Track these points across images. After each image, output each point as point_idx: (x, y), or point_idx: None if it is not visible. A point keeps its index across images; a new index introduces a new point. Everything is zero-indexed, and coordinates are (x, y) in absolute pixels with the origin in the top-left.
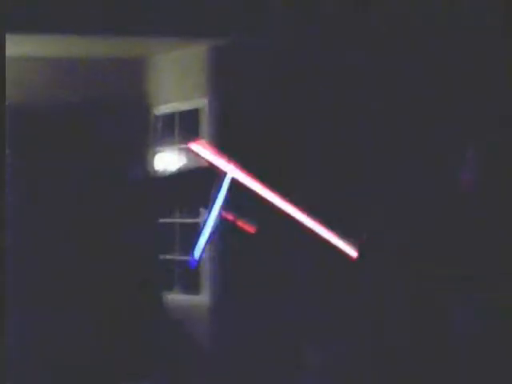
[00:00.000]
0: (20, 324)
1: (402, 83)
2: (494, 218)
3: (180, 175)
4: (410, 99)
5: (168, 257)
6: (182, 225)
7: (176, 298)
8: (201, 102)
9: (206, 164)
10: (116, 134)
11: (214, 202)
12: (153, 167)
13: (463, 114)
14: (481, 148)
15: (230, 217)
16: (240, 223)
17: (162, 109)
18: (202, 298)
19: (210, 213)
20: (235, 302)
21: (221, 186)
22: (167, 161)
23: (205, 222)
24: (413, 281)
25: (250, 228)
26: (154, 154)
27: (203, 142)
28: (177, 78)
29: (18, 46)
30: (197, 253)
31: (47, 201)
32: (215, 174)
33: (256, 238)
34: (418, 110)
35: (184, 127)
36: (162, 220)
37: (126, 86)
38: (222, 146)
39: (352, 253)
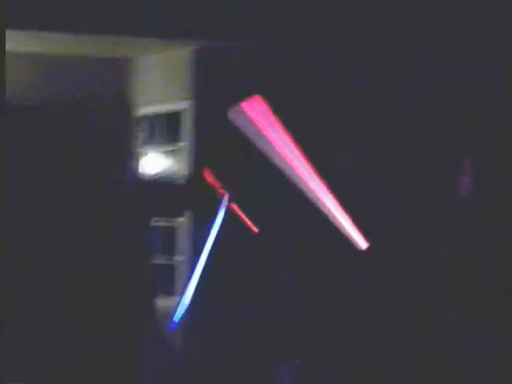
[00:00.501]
0: (17, 327)
1: (401, 87)
2: (493, 223)
3: (162, 177)
4: (410, 105)
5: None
6: (160, 227)
7: None
8: (185, 105)
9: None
10: (99, 134)
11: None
12: (136, 168)
13: (463, 120)
14: (480, 153)
15: (238, 212)
16: (247, 221)
17: (146, 110)
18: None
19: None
20: (211, 303)
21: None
22: (150, 162)
23: (186, 285)
24: (412, 287)
25: (254, 228)
26: (137, 155)
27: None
28: (162, 80)
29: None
30: (177, 317)
31: (33, 203)
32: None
33: (235, 240)
34: (419, 116)
35: (167, 129)
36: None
37: (110, 85)
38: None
39: (362, 244)
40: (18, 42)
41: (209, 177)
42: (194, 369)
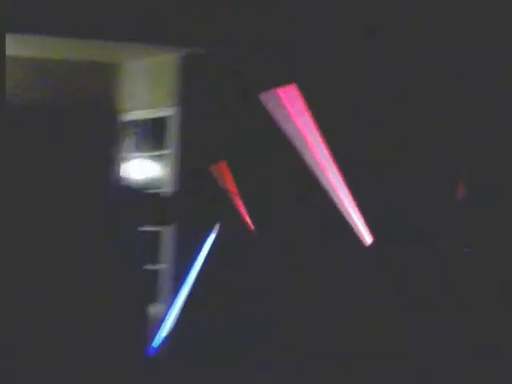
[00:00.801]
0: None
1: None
2: (488, 228)
3: (147, 184)
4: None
5: None
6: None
7: None
8: (171, 111)
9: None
10: (84, 138)
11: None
12: (121, 174)
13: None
14: (476, 158)
15: (240, 207)
16: (246, 218)
17: (132, 115)
18: (159, 308)
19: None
20: (191, 310)
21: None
22: (135, 168)
23: (169, 309)
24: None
25: (251, 226)
26: (122, 160)
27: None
28: (148, 86)
29: None
30: (156, 342)
31: (16, 209)
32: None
33: (217, 248)
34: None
35: (153, 135)
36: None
37: (96, 90)
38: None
39: (367, 239)
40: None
41: (222, 172)
42: (178, 374)
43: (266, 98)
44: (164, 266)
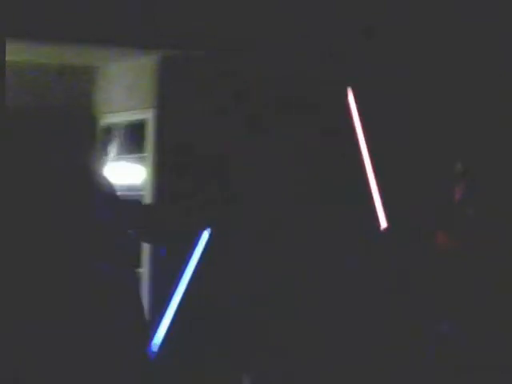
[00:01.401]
0: None
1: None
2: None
3: (125, 187)
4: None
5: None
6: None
7: None
8: (149, 114)
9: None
10: (62, 142)
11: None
12: (100, 177)
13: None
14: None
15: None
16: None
17: (111, 119)
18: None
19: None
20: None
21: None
22: (114, 171)
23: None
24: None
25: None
26: (101, 164)
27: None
28: (126, 89)
29: None
30: (155, 343)
31: None
32: None
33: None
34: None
35: (132, 138)
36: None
37: (75, 93)
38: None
39: (384, 223)
40: None
41: None
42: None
43: (351, 94)
44: (145, 269)
